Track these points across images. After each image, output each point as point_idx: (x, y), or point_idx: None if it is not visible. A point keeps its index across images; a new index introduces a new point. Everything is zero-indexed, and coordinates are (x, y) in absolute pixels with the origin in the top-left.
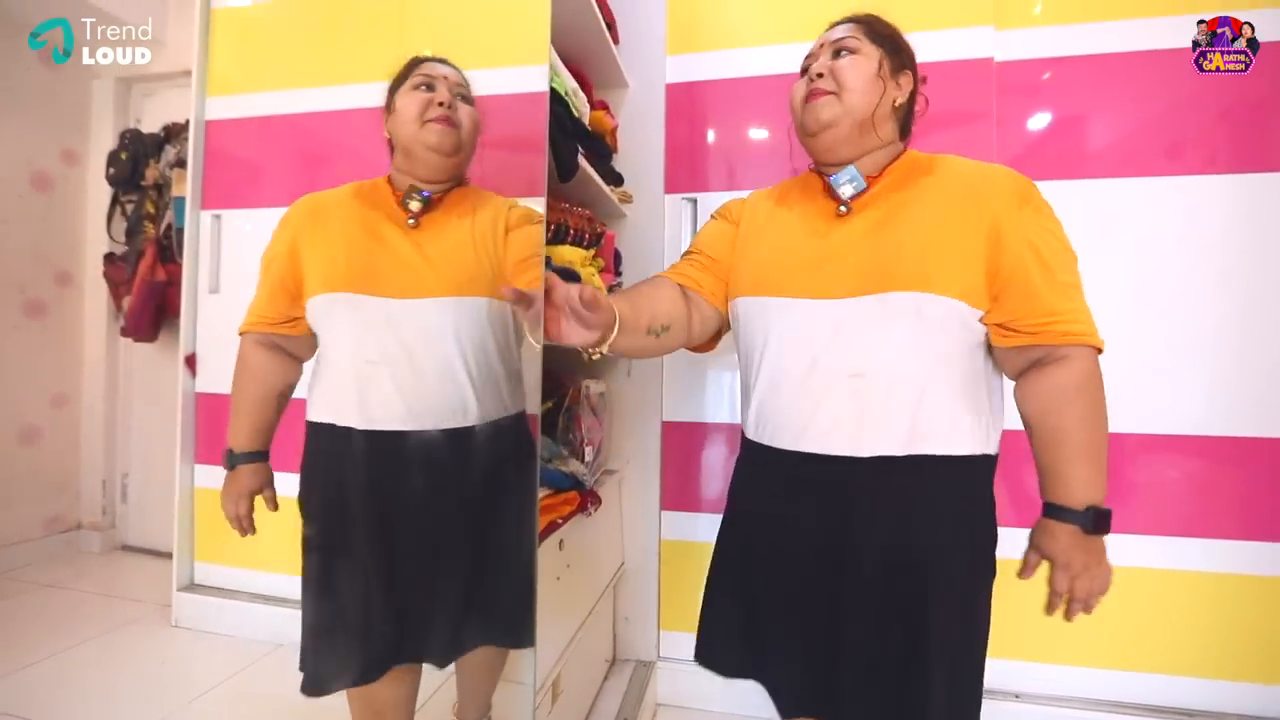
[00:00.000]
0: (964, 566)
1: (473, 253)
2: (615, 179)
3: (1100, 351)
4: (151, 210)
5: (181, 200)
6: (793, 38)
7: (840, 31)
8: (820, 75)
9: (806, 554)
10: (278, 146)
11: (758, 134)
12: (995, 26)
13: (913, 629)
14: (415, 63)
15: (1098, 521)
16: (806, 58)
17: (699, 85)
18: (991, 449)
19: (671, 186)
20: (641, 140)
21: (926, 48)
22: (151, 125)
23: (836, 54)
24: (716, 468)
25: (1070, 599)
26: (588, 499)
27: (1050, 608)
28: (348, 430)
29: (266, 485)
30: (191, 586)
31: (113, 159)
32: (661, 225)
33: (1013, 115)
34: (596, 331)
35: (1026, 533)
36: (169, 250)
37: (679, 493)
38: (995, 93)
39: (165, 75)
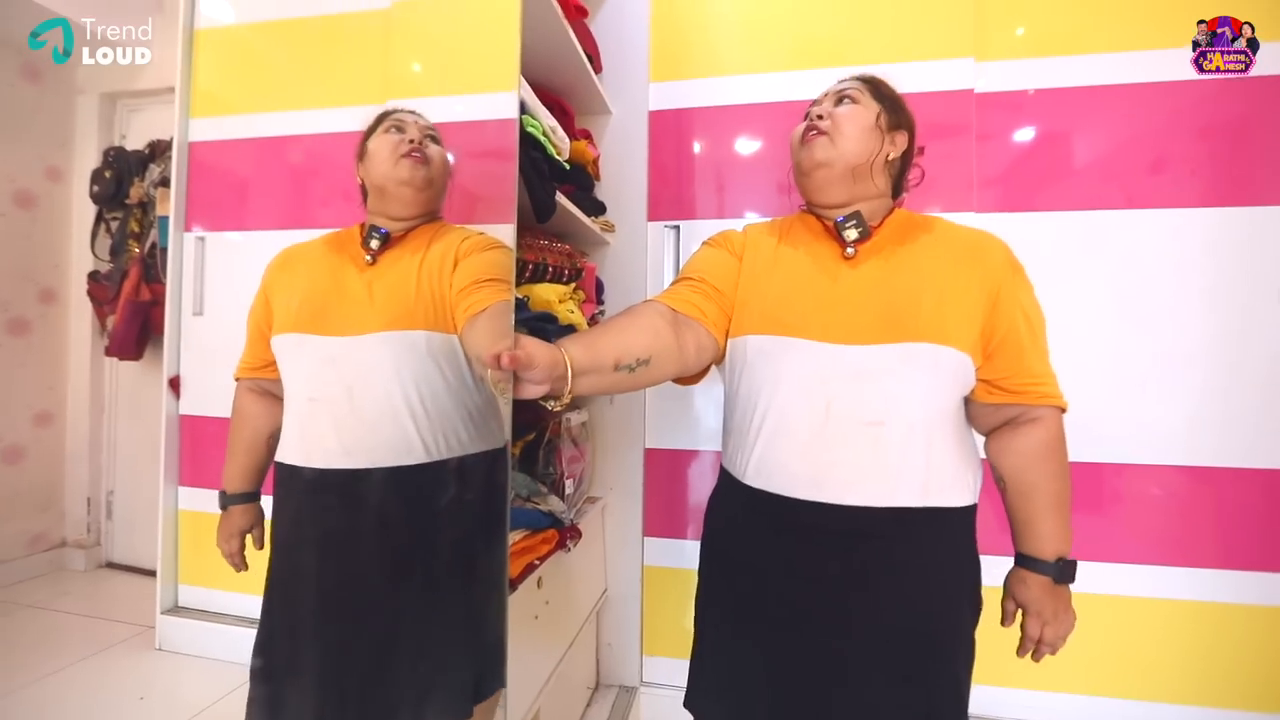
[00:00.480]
0: (965, 613)
1: (415, 286)
2: (597, 208)
3: (1065, 412)
4: (136, 229)
5: (166, 220)
6: (777, 66)
7: (845, 84)
8: (820, 117)
9: (812, 607)
10: (262, 168)
11: (742, 162)
12: (975, 58)
13: (918, 681)
14: (385, 114)
15: (1066, 571)
16: (811, 104)
17: (682, 113)
18: (977, 498)
19: (655, 214)
20: (624, 168)
21: (908, 78)
22: (136, 142)
23: (838, 101)
24: (699, 494)
25: (1040, 642)
26: (567, 535)
27: (1022, 650)
28: (291, 468)
29: (256, 524)
30: (176, 609)
31: (97, 176)
32: (644, 253)
33: (993, 146)
34: (543, 385)
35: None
36: (154, 269)
37: (662, 519)
38: (975, 123)
39: (151, 91)
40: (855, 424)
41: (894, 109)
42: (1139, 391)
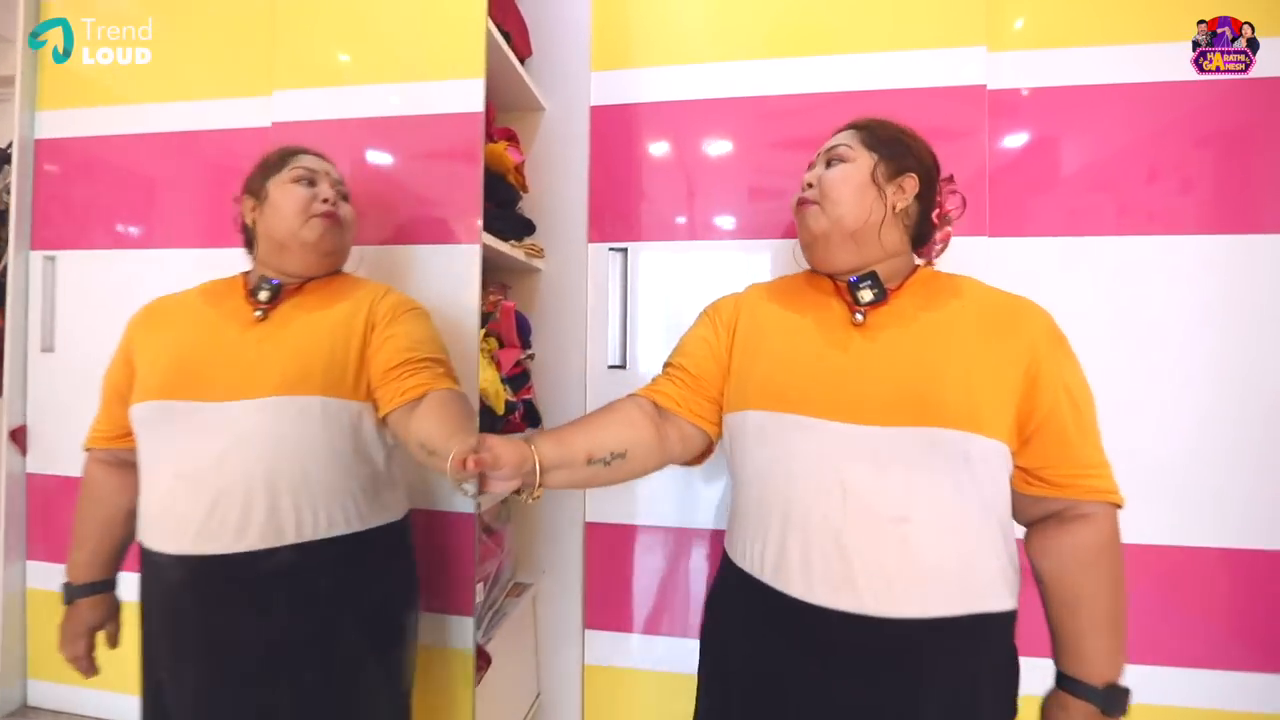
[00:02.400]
0: None
1: (313, 346)
2: (521, 228)
3: (1120, 509)
4: None
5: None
6: (750, 53)
7: (836, 139)
8: (810, 185)
9: None
10: (129, 172)
11: (707, 169)
12: (989, 48)
13: None
14: (291, 153)
15: (1116, 701)
16: (810, 164)
17: (633, 109)
18: (1017, 599)
19: (597, 234)
20: (560, 177)
21: (906, 71)
22: None
23: (829, 163)
24: (649, 577)
25: None
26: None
27: None
28: (153, 553)
29: (109, 619)
30: (23, 710)
31: None
32: (585, 280)
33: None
34: (513, 480)
35: None
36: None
37: (606, 608)
38: (987, 121)
39: (9, 79)
40: (879, 519)
41: (894, 153)
42: (1163, 465)
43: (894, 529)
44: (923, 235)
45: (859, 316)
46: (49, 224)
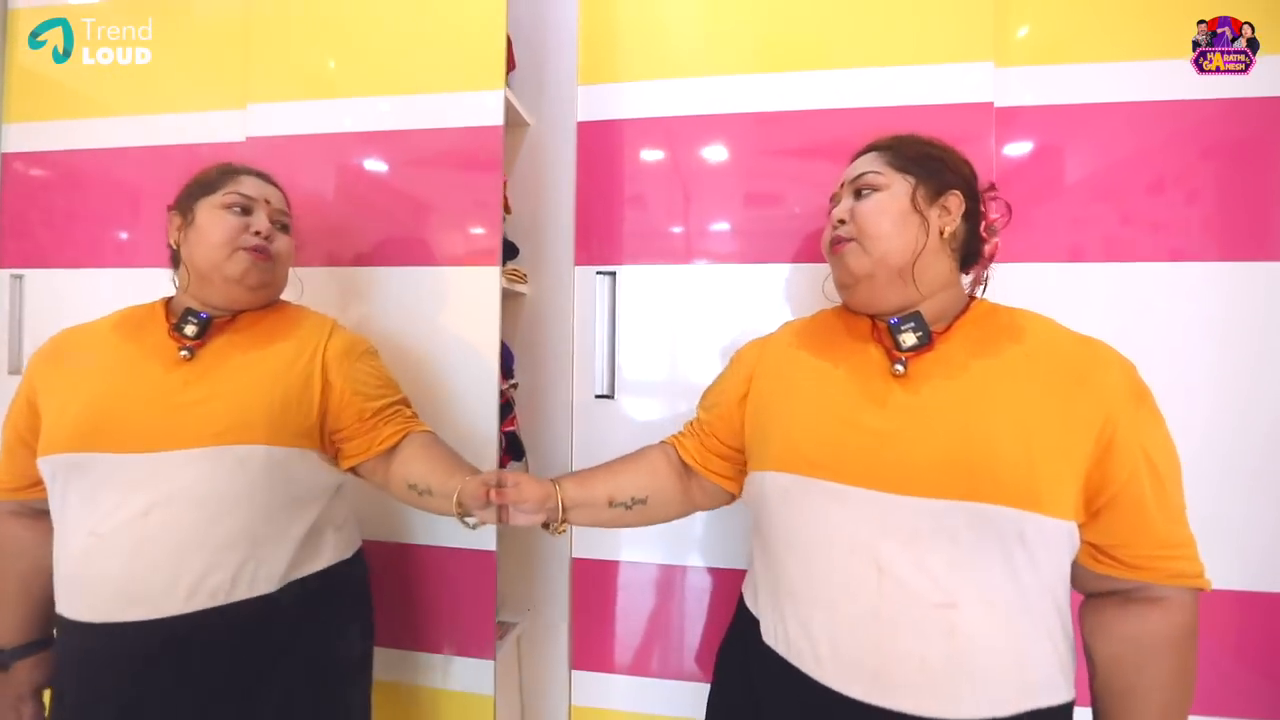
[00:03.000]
0: None
1: (255, 390)
2: (505, 251)
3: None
4: None
5: None
6: (746, 67)
7: (860, 166)
8: (842, 221)
9: None
10: (101, 187)
11: (701, 186)
12: (996, 63)
13: None
14: (229, 174)
15: None
16: (832, 197)
17: (622, 124)
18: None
19: (584, 256)
20: (545, 196)
21: (910, 87)
22: None
23: (859, 194)
24: (639, 615)
25: None
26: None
27: None
28: (65, 622)
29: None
30: None
31: None
32: (570, 305)
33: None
34: (536, 516)
35: None
36: None
37: (594, 649)
38: (995, 139)
39: None
40: (919, 603)
41: (930, 170)
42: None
43: (939, 616)
44: (972, 255)
45: (899, 367)
46: (16, 241)
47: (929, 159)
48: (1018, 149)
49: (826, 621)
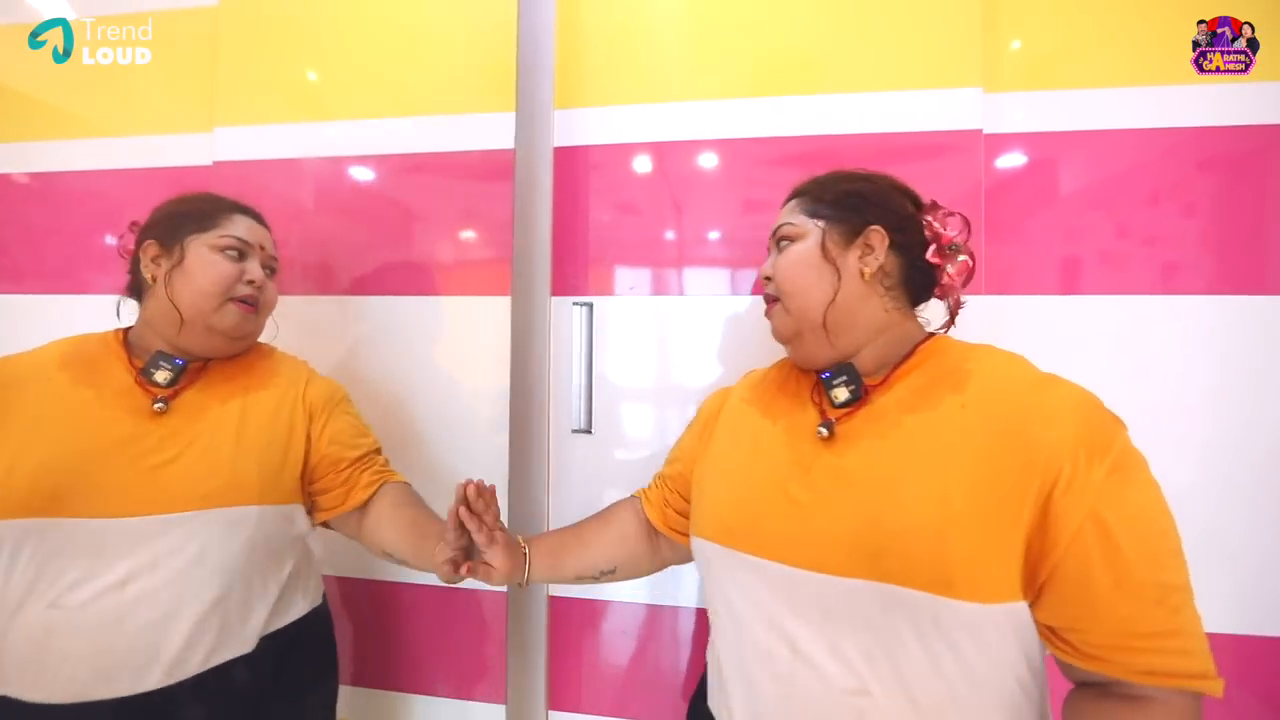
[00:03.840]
0: None
1: (242, 446)
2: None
3: (1207, 695)
4: None
5: None
6: (732, 91)
7: (781, 216)
8: (767, 279)
9: None
10: (57, 211)
11: (684, 214)
12: (985, 89)
13: None
14: (224, 210)
15: None
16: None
17: (600, 150)
18: None
19: (561, 286)
20: (520, 224)
21: (898, 113)
22: None
23: (780, 246)
24: (619, 656)
25: None
26: None
27: None
28: (14, 704)
29: None
30: None
31: None
32: (547, 337)
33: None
34: (501, 585)
35: None
36: None
37: (571, 689)
38: (985, 174)
39: None
40: (829, 689)
41: (844, 210)
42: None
43: (849, 704)
44: (924, 286)
45: (822, 430)
46: None
47: (845, 197)
48: (1008, 173)
49: (744, 696)
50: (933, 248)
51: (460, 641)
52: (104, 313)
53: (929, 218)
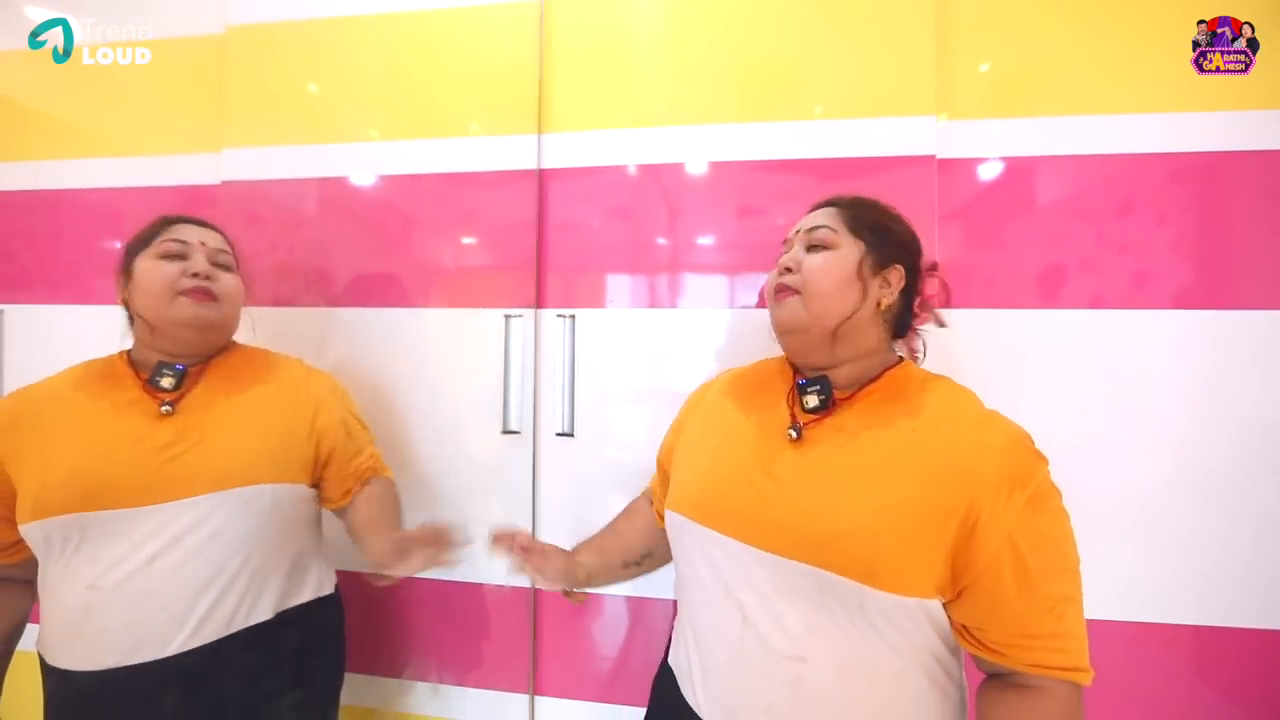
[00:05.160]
0: None
1: (252, 432)
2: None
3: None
4: None
5: None
6: (711, 117)
7: (818, 219)
8: (789, 270)
9: None
10: (71, 226)
11: (666, 231)
12: (938, 117)
13: None
14: (165, 224)
15: None
16: (784, 241)
17: (585, 173)
18: None
19: (548, 298)
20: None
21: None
22: None
23: (810, 246)
24: (606, 641)
25: None
26: None
27: None
28: (63, 673)
29: None
30: None
31: None
32: (533, 348)
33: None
34: (555, 585)
35: None
36: None
37: (555, 675)
38: (937, 192)
39: None
40: (772, 654)
41: (881, 240)
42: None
43: (788, 667)
44: (904, 327)
45: (792, 433)
46: None
47: (882, 229)
48: (963, 207)
49: (701, 659)
50: (919, 299)
51: (481, 636)
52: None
53: (927, 274)
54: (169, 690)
